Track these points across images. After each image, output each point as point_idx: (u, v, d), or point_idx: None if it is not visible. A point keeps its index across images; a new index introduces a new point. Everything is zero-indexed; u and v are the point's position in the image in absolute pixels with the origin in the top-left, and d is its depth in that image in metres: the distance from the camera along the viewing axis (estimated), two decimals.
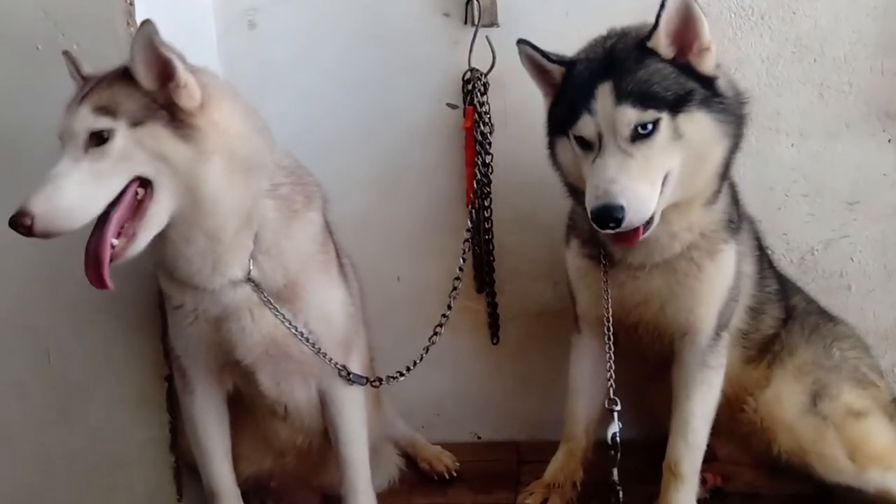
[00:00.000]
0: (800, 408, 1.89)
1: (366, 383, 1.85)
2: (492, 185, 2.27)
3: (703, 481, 1.94)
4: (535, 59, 1.77)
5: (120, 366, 1.97)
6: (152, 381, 1.96)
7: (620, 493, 1.74)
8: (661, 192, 1.63)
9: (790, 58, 2.22)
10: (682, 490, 1.84)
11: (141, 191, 1.52)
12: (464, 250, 2.08)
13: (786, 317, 2.02)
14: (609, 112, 1.61)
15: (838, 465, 1.85)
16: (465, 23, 2.23)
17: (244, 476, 1.90)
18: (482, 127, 2.22)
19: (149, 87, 1.54)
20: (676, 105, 1.61)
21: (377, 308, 2.19)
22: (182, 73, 1.53)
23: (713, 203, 1.79)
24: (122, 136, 1.49)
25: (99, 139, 1.49)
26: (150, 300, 1.92)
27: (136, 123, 1.51)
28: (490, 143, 2.23)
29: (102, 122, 1.49)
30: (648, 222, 1.63)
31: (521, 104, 2.23)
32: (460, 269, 2.04)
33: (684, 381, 1.86)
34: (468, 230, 2.11)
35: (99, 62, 1.78)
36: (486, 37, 2.20)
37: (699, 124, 1.63)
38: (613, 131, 1.61)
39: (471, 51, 2.22)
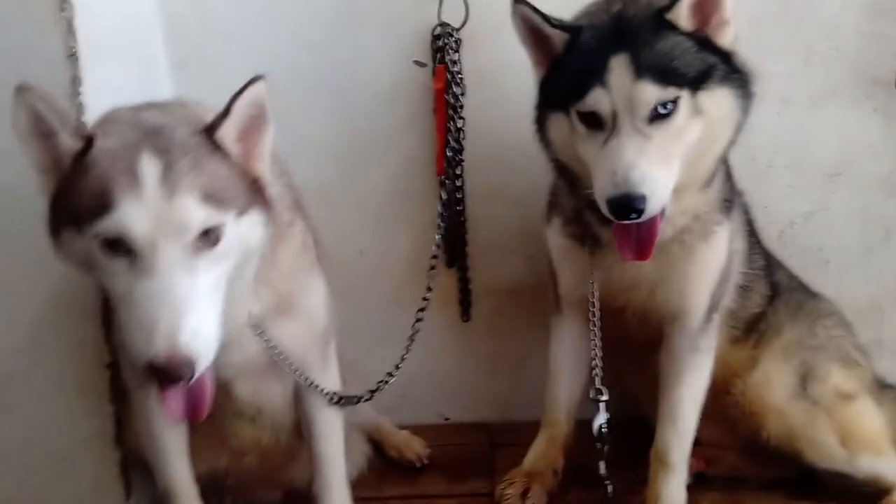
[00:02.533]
0: (789, 391, 1.84)
1: (357, 402, 1.71)
2: (464, 153, 2.12)
3: (688, 466, 1.86)
4: (533, 23, 1.59)
5: (56, 351, 1.77)
6: (93, 369, 1.77)
7: (610, 489, 1.65)
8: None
9: (777, 20, 2.11)
10: (672, 479, 1.77)
11: None
12: (438, 224, 1.95)
13: (772, 293, 1.96)
14: (627, 88, 1.47)
15: (830, 451, 1.82)
16: None
17: (196, 474, 1.73)
18: (454, 88, 2.06)
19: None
20: (697, 82, 1.50)
21: (338, 284, 2.03)
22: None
23: (709, 186, 1.70)
24: (231, 231, 1.27)
25: (208, 238, 1.25)
26: (88, 279, 1.66)
27: (241, 212, 1.29)
28: (462, 107, 2.08)
29: (217, 217, 1.25)
30: (662, 214, 1.53)
31: (496, 65, 2.08)
32: (437, 245, 1.92)
33: (674, 366, 1.78)
34: (443, 202, 1.97)
35: (27, 19, 1.60)
36: None
37: (721, 101, 1.53)
38: (630, 110, 1.47)
39: (441, 3, 2.04)
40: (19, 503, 1.82)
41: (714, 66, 1.52)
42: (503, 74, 2.06)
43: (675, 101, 1.48)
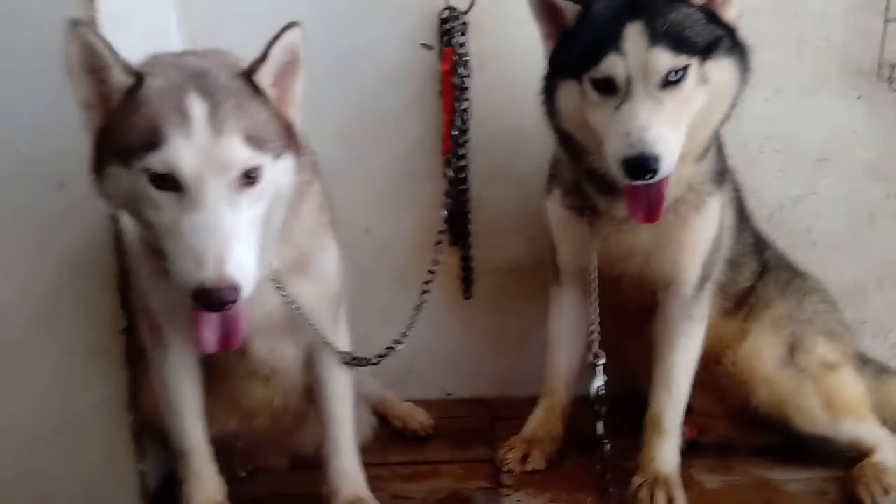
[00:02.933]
0: (778, 360, 1.91)
1: (366, 364, 1.77)
2: (469, 134, 2.18)
3: (680, 434, 1.93)
4: None
5: (70, 317, 1.80)
6: (108, 335, 1.80)
7: (608, 447, 1.72)
8: None
9: (770, 11, 2.20)
10: (666, 443, 1.84)
11: None
12: (445, 202, 2.00)
13: (761, 270, 2.04)
14: (641, 54, 1.54)
15: (815, 417, 1.88)
16: None
17: (208, 437, 1.76)
18: (460, 70, 2.12)
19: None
20: (706, 51, 1.58)
21: (345, 261, 2.09)
22: None
23: (704, 157, 1.77)
24: (269, 172, 1.34)
25: (250, 178, 1.31)
26: (104, 244, 1.77)
27: (277, 156, 1.36)
28: (468, 89, 2.14)
29: (257, 159, 1.31)
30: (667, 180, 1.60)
31: (500, 48, 2.15)
32: (445, 221, 1.97)
33: (668, 333, 1.85)
34: (448, 181, 2.03)
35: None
36: None
37: (725, 71, 1.62)
38: (644, 76, 1.55)
39: None
40: (34, 466, 1.85)
41: (721, 37, 1.60)
42: (508, 57, 2.13)
43: (685, 69, 1.56)
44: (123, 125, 1.29)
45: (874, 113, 2.26)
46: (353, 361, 1.75)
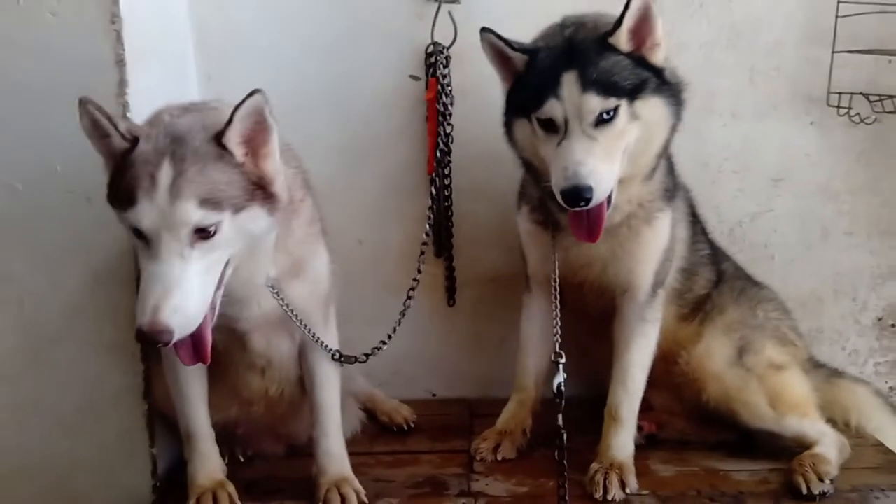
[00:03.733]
0: (727, 360, 2.08)
1: (354, 362, 1.97)
2: (452, 155, 2.39)
3: (640, 429, 2.11)
4: (498, 47, 1.89)
5: (94, 315, 2.00)
6: (126, 332, 1.93)
7: (565, 436, 1.89)
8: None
9: (725, 44, 2.40)
10: (621, 433, 2.01)
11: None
12: (428, 216, 2.20)
13: (717, 279, 2.22)
14: (575, 99, 1.75)
15: (760, 412, 2.04)
16: None
17: (212, 422, 1.96)
18: (444, 98, 2.33)
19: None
20: (634, 92, 1.78)
21: (338, 270, 2.28)
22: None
23: (651, 178, 1.97)
24: (228, 225, 1.53)
25: (205, 233, 1.50)
26: (125, 251, 1.96)
27: (238, 210, 1.54)
28: (451, 115, 2.35)
29: (212, 217, 1.50)
30: (609, 202, 1.80)
31: (480, 78, 2.30)
32: (427, 234, 2.16)
33: (624, 334, 2.03)
34: (432, 198, 2.23)
35: (83, 29, 1.86)
36: (449, 12, 2.32)
37: (653, 107, 1.81)
38: (579, 117, 1.76)
39: (434, 25, 2.33)
40: (57, 446, 2.04)
41: (647, 79, 1.80)
42: (486, 87, 2.26)
43: (615, 109, 1.77)
44: (119, 180, 1.55)
45: (825, 137, 2.45)
46: (342, 358, 1.95)
